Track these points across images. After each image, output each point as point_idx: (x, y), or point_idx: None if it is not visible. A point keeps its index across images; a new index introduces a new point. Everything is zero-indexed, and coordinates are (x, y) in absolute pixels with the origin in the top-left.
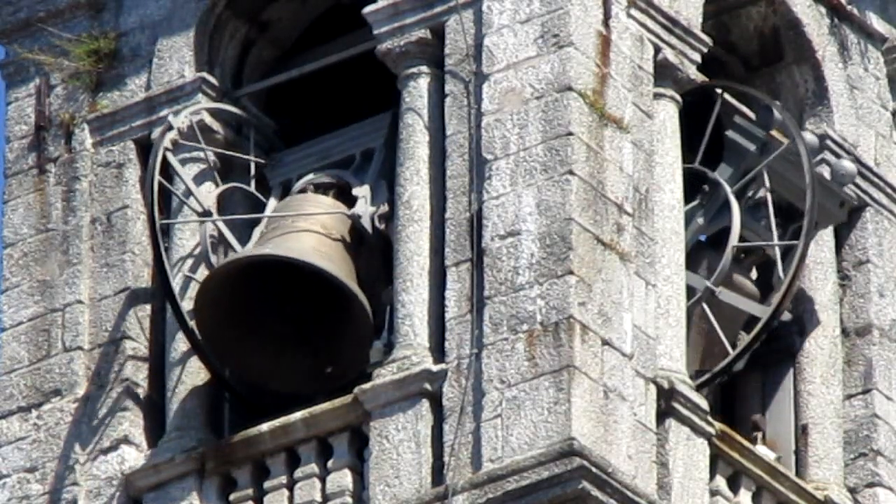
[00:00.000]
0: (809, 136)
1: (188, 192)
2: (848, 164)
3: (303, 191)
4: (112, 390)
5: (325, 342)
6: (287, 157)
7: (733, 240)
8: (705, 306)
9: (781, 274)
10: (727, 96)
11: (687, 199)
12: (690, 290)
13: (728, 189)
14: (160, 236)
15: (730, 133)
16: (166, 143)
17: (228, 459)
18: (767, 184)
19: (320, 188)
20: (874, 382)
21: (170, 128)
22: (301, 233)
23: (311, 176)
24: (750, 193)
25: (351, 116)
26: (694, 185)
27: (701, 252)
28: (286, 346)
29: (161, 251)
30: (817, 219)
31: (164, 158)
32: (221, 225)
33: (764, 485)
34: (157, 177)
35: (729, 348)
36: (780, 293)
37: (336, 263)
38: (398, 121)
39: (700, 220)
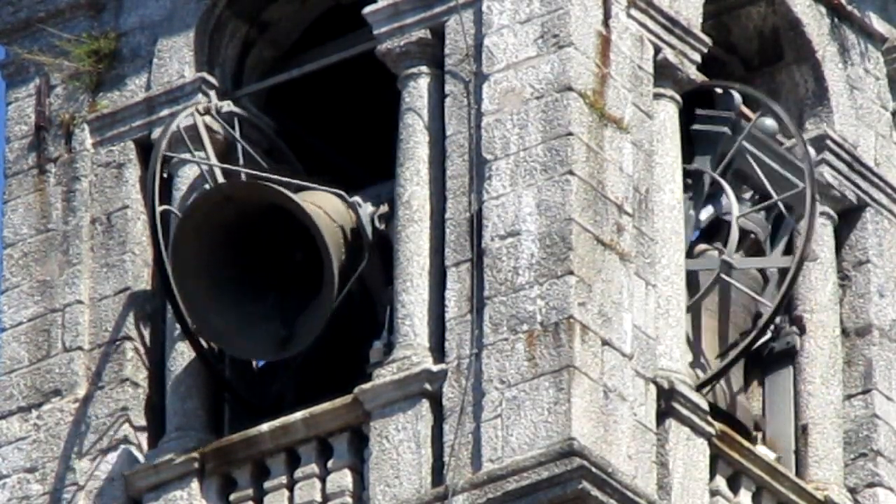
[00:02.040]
0: (769, 122)
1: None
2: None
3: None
4: (112, 390)
5: (291, 311)
6: None
7: (735, 211)
8: (726, 279)
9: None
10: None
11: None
12: (693, 283)
13: (711, 174)
14: (160, 236)
15: (696, 126)
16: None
17: (228, 459)
18: (750, 159)
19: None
20: (874, 382)
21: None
22: (304, 203)
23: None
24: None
25: (351, 117)
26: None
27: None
28: (252, 308)
29: (161, 251)
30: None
31: (165, 157)
32: None
33: (764, 485)
34: (158, 175)
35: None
36: (780, 294)
37: (328, 233)
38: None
39: (692, 213)
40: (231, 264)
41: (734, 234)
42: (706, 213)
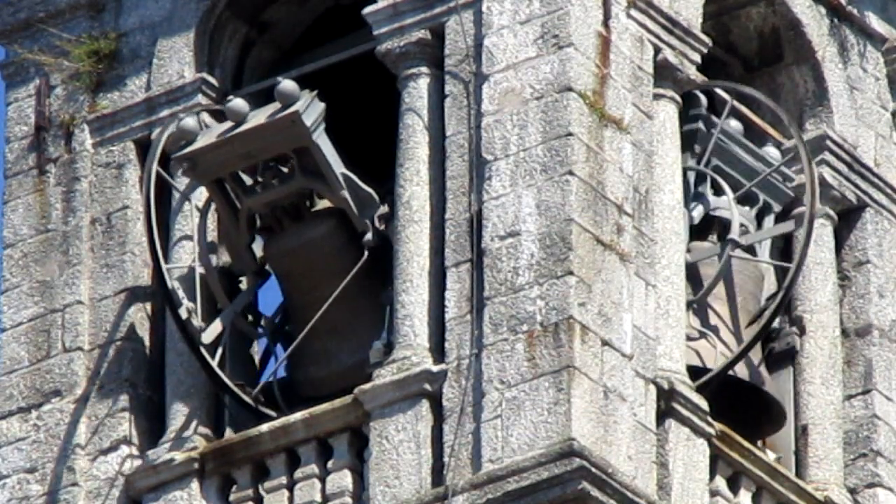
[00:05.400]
0: (734, 122)
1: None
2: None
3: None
4: (112, 390)
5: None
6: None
7: (730, 195)
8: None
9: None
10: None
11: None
12: (695, 281)
13: (703, 169)
14: (157, 238)
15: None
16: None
17: (228, 459)
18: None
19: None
20: (874, 383)
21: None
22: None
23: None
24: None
25: (351, 117)
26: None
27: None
28: None
29: (157, 253)
30: None
31: (163, 157)
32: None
33: (764, 485)
34: (154, 179)
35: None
36: (781, 293)
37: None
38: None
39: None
40: None
41: (735, 216)
42: (697, 211)
